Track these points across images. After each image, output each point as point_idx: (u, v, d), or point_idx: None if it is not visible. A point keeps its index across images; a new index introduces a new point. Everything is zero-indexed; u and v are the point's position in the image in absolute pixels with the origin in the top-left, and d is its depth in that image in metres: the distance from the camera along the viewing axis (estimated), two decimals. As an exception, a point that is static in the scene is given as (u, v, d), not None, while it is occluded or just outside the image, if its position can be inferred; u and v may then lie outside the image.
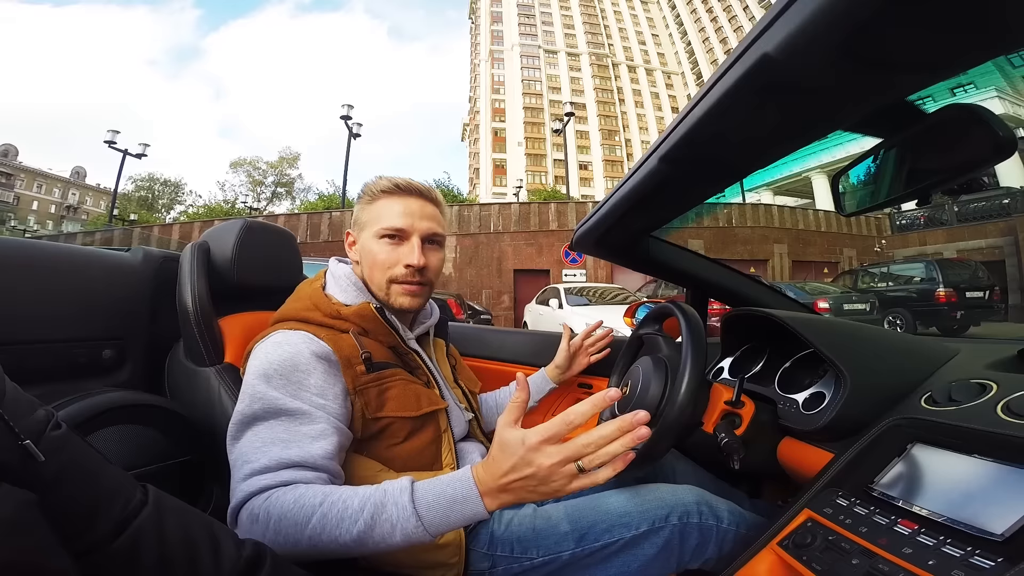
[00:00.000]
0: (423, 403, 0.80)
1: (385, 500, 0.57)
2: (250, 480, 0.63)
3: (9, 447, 0.36)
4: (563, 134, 15.25)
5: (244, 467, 0.64)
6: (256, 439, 0.66)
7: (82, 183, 53.51)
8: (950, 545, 0.45)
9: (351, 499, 0.58)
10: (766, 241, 14.57)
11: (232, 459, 0.67)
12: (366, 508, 0.57)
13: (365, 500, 0.58)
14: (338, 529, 0.56)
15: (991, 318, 8.76)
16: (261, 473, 0.63)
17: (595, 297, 7.67)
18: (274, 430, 0.66)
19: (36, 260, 0.84)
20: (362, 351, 0.76)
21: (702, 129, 0.54)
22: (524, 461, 0.54)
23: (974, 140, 0.54)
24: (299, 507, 0.58)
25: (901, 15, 0.35)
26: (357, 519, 0.56)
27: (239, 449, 0.66)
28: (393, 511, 0.56)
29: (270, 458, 0.64)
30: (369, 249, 0.84)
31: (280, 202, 31.84)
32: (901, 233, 15.26)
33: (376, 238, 0.83)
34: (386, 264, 0.83)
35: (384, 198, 0.85)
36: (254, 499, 0.61)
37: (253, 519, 0.60)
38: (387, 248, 0.83)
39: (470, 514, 0.56)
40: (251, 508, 0.60)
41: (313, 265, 2.08)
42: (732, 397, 0.81)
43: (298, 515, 0.57)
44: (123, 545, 0.40)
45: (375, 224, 0.84)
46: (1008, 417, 0.52)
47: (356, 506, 0.57)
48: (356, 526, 0.56)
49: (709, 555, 0.79)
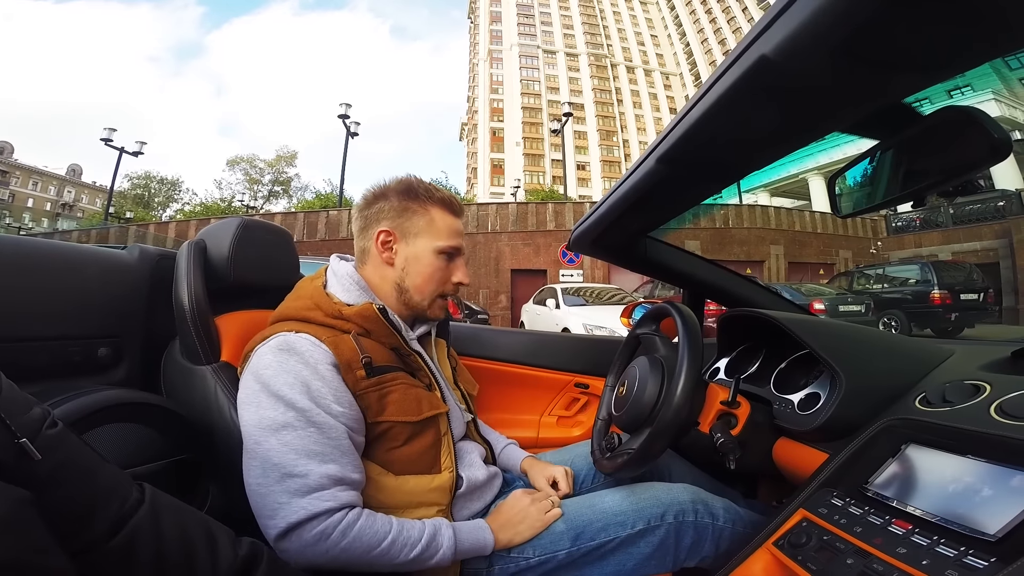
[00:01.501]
0: (424, 407, 0.79)
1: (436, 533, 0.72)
2: (310, 498, 0.65)
3: (5, 445, 0.36)
4: (561, 134, 15.27)
5: (293, 481, 0.65)
6: (288, 449, 0.66)
7: (78, 181, 53.20)
8: (944, 545, 0.45)
9: (411, 531, 0.70)
10: (762, 242, 14.61)
11: (257, 465, 0.66)
12: (423, 538, 0.70)
13: (421, 530, 0.71)
14: (398, 557, 0.68)
15: (985, 320, 8.81)
16: (318, 491, 0.65)
17: (592, 297, 7.67)
18: (304, 440, 0.67)
19: (32, 258, 0.83)
20: (362, 355, 0.75)
21: (700, 130, 0.54)
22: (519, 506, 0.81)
23: (969, 142, 0.54)
24: (372, 532, 0.67)
25: (898, 17, 0.35)
26: (415, 545, 0.69)
27: (269, 456, 0.66)
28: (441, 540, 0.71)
29: (320, 475, 0.66)
30: (423, 261, 0.84)
31: (277, 201, 31.71)
32: (897, 235, 15.31)
33: (435, 253, 0.84)
34: (442, 280, 0.86)
35: (438, 210, 0.85)
36: (326, 518, 0.65)
37: (324, 536, 0.64)
38: (443, 264, 0.85)
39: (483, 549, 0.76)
40: (323, 528, 0.64)
41: (310, 264, 2.07)
42: (728, 397, 0.81)
43: (371, 540, 0.67)
44: (119, 544, 0.40)
45: (434, 239, 0.84)
46: (1001, 418, 0.52)
47: (415, 535, 0.70)
48: (414, 551, 0.69)
49: (705, 553, 0.80)
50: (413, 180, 0.86)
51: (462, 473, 0.84)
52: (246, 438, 0.69)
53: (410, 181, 0.86)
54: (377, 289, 0.85)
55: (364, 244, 0.86)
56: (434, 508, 0.77)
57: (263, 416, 0.68)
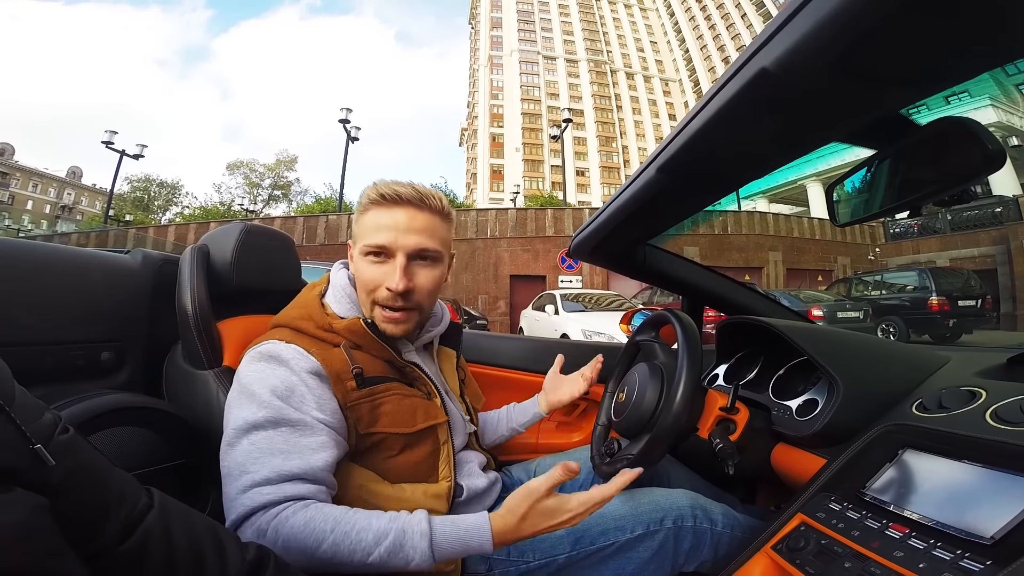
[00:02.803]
0: (418, 419, 0.77)
1: (403, 542, 0.60)
2: (251, 492, 0.62)
3: (20, 451, 0.36)
4: (561, 140, 15.30)
5: (243, 477, 0.63)
6: (254, 448, 0.65)
7: (78, 183, 53.17)
8: (940, 548, 0.46)
9: (364, 531, 0.60)
10: (761, 249, 14.63)
11: (227, 465, 0.66)
12: (382, 544, 0.60)
13: (380, 535, 0.60)
14: (350, 559, 0.59)
15: (983, 326, 8.83)
16: (262, 485, 0.62)
17: (591, 303, 7.68)
18: (273, 440, 0.65)
19: (35, 262, 0.84)
20: (353, 366, 0.73)
21: (700, 140, 0.55)
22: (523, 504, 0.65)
23: (964, 152, 0.55)
24: (309, 531, 0.59)
25: (897, 32, 0.36)
26: (371, 552, 0.59)
27: (235, 456, 0.65)
28: (412, 553, 0.60)
29: (271, 469, 0.63)
30: (357, 267, 0.79)
31: (277, 205, 31.73)
32: (895, 241, 15.34)
33: (362, 255, 0.77)
34: (370, 285, 0.77)
35: (372, 209, 0.77)
36: (260, 515, 0.61)
37: (259, 534, 0.60)
38: (372, 267, 0.76)
39: (478, 552, 0.63)
40: (257, 524, 0.60)
41: (312, 269, 2.08)
42: (727, 403, 0.82)
43: (308, 539, 0.59)
44: (131, 548, 0.41)
45: (361, 239, 0.77)
46: (997, 424, 0.53)
47: (371, 540, 0.60)
48: (370, 558, 0.59)
49: (704, 558, 0.80)
50: (368, 185, 0.80)
51: (461, 482, 0.83)
52: (223, 438, 0.68)
53: (367, 187, 0.80)
54: None
55: None
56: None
57: (239, 416, 0.67)
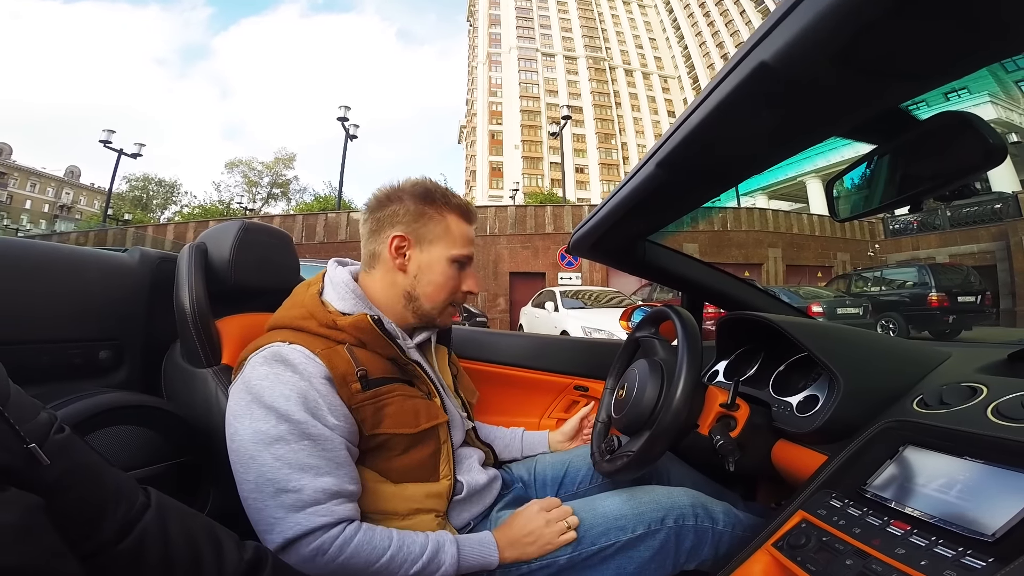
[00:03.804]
0: (421, 419, 0.78)
1: (439, 549, 0.71)
2: (305, 513, 0.65)
3: (15, 451, 0.36)
4: (560, 137, 15.29)
5: (283, 496, 0.65)
6: (281, 463, 0.65)
7: (76, 182, 53.06)
8: (942, 545, 0.46)
9: (412, 544, 0.70)
10: (761, 245, 14.63)
11: (252, 480, 0.66)
12: (426, 553, 0.70)
13: (423, 546, 0.70)
14: (398, 572, 0.68)
15: (983, 322, 8.84)
16: (312, 505, 0.65)
17: (591, 300, 7.69)
18: (298, 455, 0.66)
19: (33, 260, 0.84)
20: (357, 369, 0.73)
21: (700, 134, 0.55)
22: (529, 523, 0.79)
23: (965, 147, 0.54)
24: (371, 548, 0.67)
25: (898, 25, 0.35)
26: (417, 560, 0.69)
27: (261, 471, 0.65)
28: (444, 557, 0.71)
29: (314, 489, 0.66)
30: (437, 269, 0.82)
31: (275, 203, 31.70)
32: (894, 237, 15.33)
33: (448, 261, 0.82)
34: (454, 288, 0.84)
35: (455, 217, 0.83)
36: (319, 534, 0.65)
37: (320, 551, 0.64)
38: (456, 273, 0.84)
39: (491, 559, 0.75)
40: (319, 543, 0.64)
41: (310, 267, 2.07)
42: (727, 400, 0.82)
43: (371, 555, 0.66)
44: (128, 547, 0.41)
45: (449, 247, 0.82)
46: (998, 420, 0.53)
47: (417, 551, 0.69)
48: (414, 567, 0.68)
49: (705, 557, 0.80)
50: (429, 183, 0.83)
51: (461, 478, 0.83)
52: (239, 450, 0.67)
53: (426, 184, 0.83)
54: (381, 296, 0.83)
55: (375, 248, 0.83)
56: (432, 514, 0.77)
57: (256, 429, 0.66)
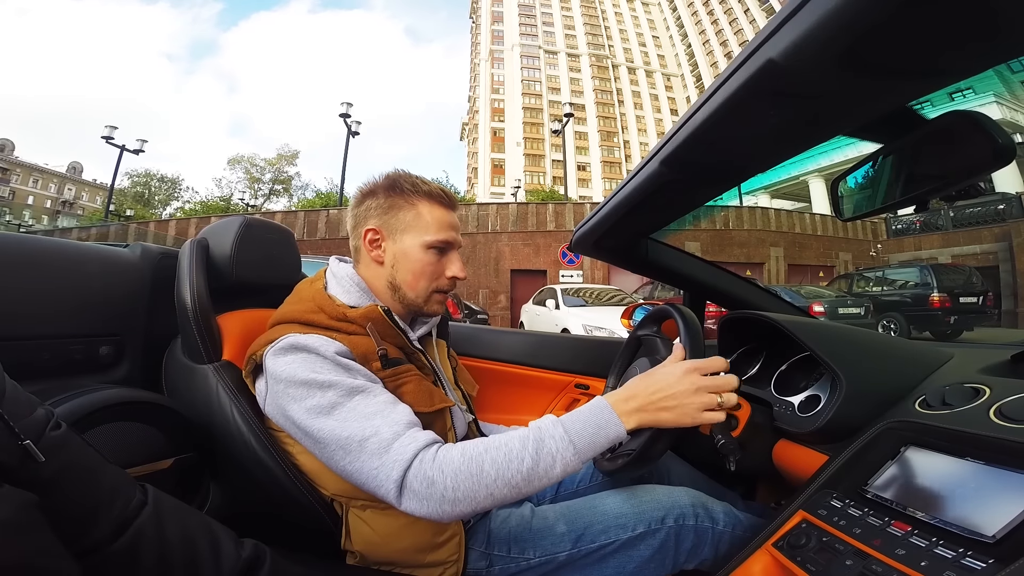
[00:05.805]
0: (435, 399, 0.79)
1: (542, 436, 0.63)
2: (395, 448, 0.62)
3: (9, 448, 0.36)
4: (562, 135, 15.27)
5: (367, 443, 0.63)
6: (347, 422, 0.65)
7: (78, 178, 53.12)
8: (943, 546, 0.46)
9: (510, 442, 0.63)
10: (763, 244, 14.61)
11: (330, 445, 0.65)
12: (528, 446, 0.62)
13: (524, 440, 0.63)
14: (508, 471, 0.60)
15: (984, 323, 8.82)
16: (396, 440, 0.63)
17: (592, 298, 7.68)
18: (357, 407, 0.66)
19: (34, 256, 0.84)
20: (379, 347, 0.75)
21: (705, 132, 0.55)
22: (670, 382, 0.66)
23: (973, 146, 0.54)
24: (468, 459, 0.61)
25: (905, 24, 0.35)
26: (524, 457, 0.61)
27: (333, 434, 0.64)
28: (552, 444, 0.62)
29: (389, 425, 0.64)
30: (412, 257, 0.82)
31: (277, 199, 31.70)
32: (896, 237, 15.30)
33: (423, 248, 0.81)
34: (433, 275, 0.83)
35: (426, 204, 0.82)
36: (416, 465, 0.61)
37: (429, 482, 0.60)
38: (435, 259, 0.83)
39: (613, 435, 0.65)
40: (421, 474, 0.60)
41: (312, 263, 2.07)
42: None
43: (471, 466, 0.60)
44: (123, 545, 0.40)
45: (422, 233, 0.81)
46: (1000, 421, 0.52)
47: (518, 446, 0.62)
48: (524, 463, 0.61)
49: (704, 556, 0.80)
50: (400, 174, 0.84)
51: None
52: (307, 435, 0.67)
53: (396, 176, 0.84)
54: (373, 288, 0.84)
55: (355, 243, 0.85)
56: None
57: (308, 407, 0.66)
